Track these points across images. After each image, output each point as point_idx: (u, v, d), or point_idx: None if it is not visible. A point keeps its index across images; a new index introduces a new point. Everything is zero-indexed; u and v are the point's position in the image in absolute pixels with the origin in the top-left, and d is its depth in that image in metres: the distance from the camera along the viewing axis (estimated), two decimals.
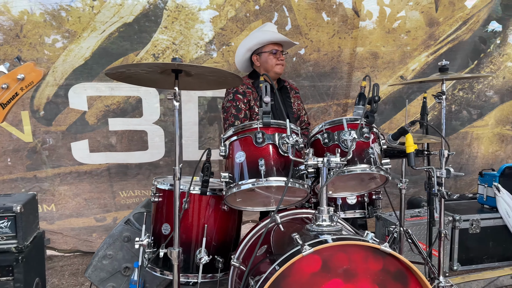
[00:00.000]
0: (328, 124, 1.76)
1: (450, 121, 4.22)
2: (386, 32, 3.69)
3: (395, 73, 3.85)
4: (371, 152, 1.66)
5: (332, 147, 1.71)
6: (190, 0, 3.32)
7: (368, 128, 1.74)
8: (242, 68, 2.86)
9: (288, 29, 3.50)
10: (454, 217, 3.44)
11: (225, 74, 1.67)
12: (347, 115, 3.91)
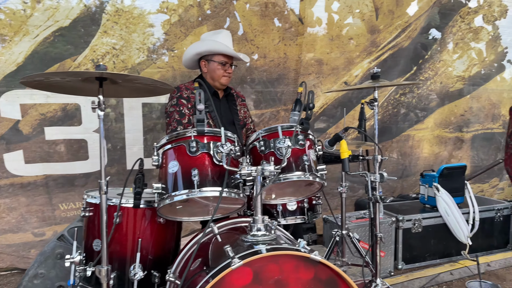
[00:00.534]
0: (264, 131, 1.75)
1: (393, 124, 4.40)
2: (330, 39, 3.77)
3: (339, 79, 3.95)
4: (305, 159, 1.67)
5: (268, 154, 1.70)
6: (131, 4, 3.22)
7: (303, 135, 1.75)
8: (189, 67, 2.81)
9: (233, 35, 3.49)
10: (398, 218, 3.56)
11: (154, 82, 1.61)
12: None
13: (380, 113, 4.31)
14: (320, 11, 3.67)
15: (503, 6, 4.93)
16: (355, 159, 1.97)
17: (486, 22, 4.74)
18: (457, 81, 4.41)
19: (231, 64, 2.62)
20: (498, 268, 3.76)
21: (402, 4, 3.91)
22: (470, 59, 4.38)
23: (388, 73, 4.11)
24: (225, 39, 2.61)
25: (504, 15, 5.10)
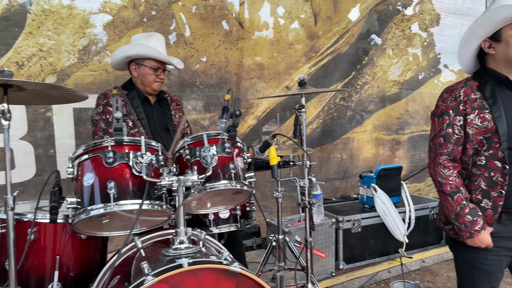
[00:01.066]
0: (190, 139, 1.70)
1: (335, 128, 4.51)
2: (271, 44, 3.80)
3: (281, 84, 3.98)
4: (232, 167, 1.64)
5: (194, 163, 1.65)
6: (58, 4, 3.03)
7: (230, 143, 1.72)
8: (119, 69, 2.68)
9: (172, 38, 3.41)
10: (338, 219, 3.64)
11: (67, 90, 1.51)
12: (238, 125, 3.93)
13: (322, 117, 4.41)
14: (266, 15, 3.69)
15: (436, 14, 5.24)
16: (286, 165, 1.98)
17: (421, 29, 5.01)
18: (393, 86, 4.61)
19: (163, 69, 2.53)
20: (432, 263, 3.97)
21: (340, 10, 4.03)
22: (405, 64, 4.61)
23: (328, 78, 4.21)
24: (158, 43, 2.51)
25: (437, 23, 5.43)
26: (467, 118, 1.78)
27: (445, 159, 1.83)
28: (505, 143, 1.73)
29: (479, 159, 1.79)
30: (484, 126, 1.75)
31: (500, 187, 1.75)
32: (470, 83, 1.84)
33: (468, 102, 1.79)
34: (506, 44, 1.75)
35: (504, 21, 1.74)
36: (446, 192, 1.82)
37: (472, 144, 1.80)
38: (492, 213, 1.78)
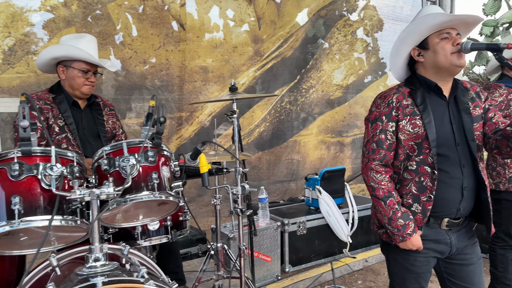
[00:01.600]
0: (110, 148, 1.61)
1: (282, 131, 4.54)
2: (214, 46, 3.74)
3: (226, 87, 3.93)
4: (154, 177, 1.56)
5: (114, 174, 1.56)
6: None
7: (154, 151, 1.64)
8: (44, 71, 2.51)
9: (108, 39, 3.25)
10: (283, 222, 3.65)
11: None
12: (181, 129, 3.84)
13: (269, 120, 4.42)
14: (208, 18, 3.63)
15: (380, 20, 5.44)
16: (220, 172, 1.93)
17: (365, 34, 5.17)
18: (337, 89, 4.72)
19: (95, 72, 2.40)
20: (375, 263, 4.08)
21: (283, 15, 4.05)
22: (348, 68, 4.73)
23: (274, 81, 4.23)
24: (88, 44, 2.38)
25: (381, 29, 5.63)
26: (399, 124, 1.82)
27: (377, 164, 1.86)
28: (434, 149, 1.78)
29: (410, 164, 1.83)
30: (415, 132, 1.80)
31: (429, 191, 1.79)
32: (402, 90, 1.88)
33: (400, 108, 1.83)
34: (434, 51, 1.81)
35: (430, 29, 1.80)
36: (379, 197, 1.84)
37: (404, 149, 1.84)
38: (422, 217, 1.82)
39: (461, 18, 1.77)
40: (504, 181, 2.75)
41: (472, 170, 1.83)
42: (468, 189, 1.82)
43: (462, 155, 1.82)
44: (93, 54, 2.33)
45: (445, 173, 1.80)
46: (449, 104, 1.86)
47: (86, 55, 2.31)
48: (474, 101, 1.89)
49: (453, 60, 1.76)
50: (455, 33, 1.80)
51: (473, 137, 1.82)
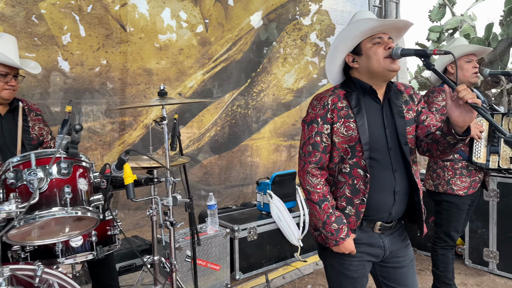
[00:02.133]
0: (18, 159, 1.46)
1: (233, 135, 4.47)
2: (158, 48, 3.61)
3: (173, 90, 3.81)
4: (67, 191, 1.43)
5: (22, 188, 1.41)
6: None
7: (68, 162, 1.51)
8: None
9: (37, 39, 3.04)
10: (233, 228, 3.58)
11: None
12: (124, 134, 3.67)
13: (220, 124, 4.33)
14: (141, 19, 3.48)
15: (332, 24, 5.51)
16: (150, 182, 1.82)
17: (318, 39, 5.21)
18: (288, 93, 4.71)
19: (15, 75, 2.21)
20: None
21: (231, 17, 3.99)
22: (298, 72, 4.73)
23: (223, 85, 4.15)
24: (6, 45, 2.18)
25: (333, 33, 5.71)
26: (334, 126, 1.81)
27: (313, 167, 1.84)
28: (366, 152, 1.78)
29: (344, 167, 1.83)
30: (349, 134, 1.79)
31: (362, 194, 1.79)
32: (337, 92, 1.87)
33: (335, 110, 1.82)
34: (367, 57, 1.80)
35: (361, 35, 1.79)
36: (314, 201, 1.83)
37: (338, 152, 1.83)
38: (355, 219, 1.82)
39: (391, 23, 1.78)
40: (443, 183, 2.82)
41: (404, 174, 1.85)
42: (400, 193, 1.84)
43: (395, 159, 1.83)
44: (12, 56, 2.14)
45: (378, 177, 1.80)
46: (383, 107, 1.86)
47: (2, 57, 2.12)
48: (408, 104, 1.90)
49: (386, 65, 1.77)
50: (387, 37, 1.81)
51: (406, 141, 1.83)
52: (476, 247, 3.78)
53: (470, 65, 2.80)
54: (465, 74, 2.80)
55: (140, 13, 3.44)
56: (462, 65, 2.81)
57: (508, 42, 6.90)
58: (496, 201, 3.58)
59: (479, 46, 2.81)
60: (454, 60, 1.69)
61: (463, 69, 2.81)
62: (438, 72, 1.63)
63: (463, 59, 2.81)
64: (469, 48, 2.81)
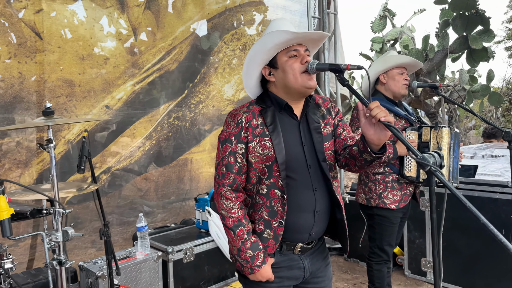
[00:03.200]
0: None
1: (170, 148, 4.23)
2: (80, 58, 3.33)
3: (98, 103, 3.53)
4: None
5: None
6: None
7: None
8: None
9: None
10: (167, 250, 3.34)
11: None
12: (43, 152, 3.33)
13: (155, 138, 4.09)
14: (72, 26, 3.20)
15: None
16: (38, 214, 1.58)
17: None
18: (228, 104, 4.56)
19: None
20: None
21: (163, 26, 3.79)
22: (238, 83, 4.60)
23: (157, 96, 3.92)
24: None
25: None
26: (249, 145, 1.68)
27: (227, 190, 1.71)
28: (283, 172, 1.66)
29: (262, 188, 1.70)
30: (265, 154, 1.67)
31: (280, 217, 1.68)
32: (252, 108, 1.74)
33: (250, 128, 1.68)
34: (283, 71, 1.69)
35: (276, 47, 1.68)
36: (228, 226, 1.70)
37: (255, 172, 1.71)
38: (274, 243, 1.71)
39: (306, 35, 1.67)
40: (375, 197, 2.77)
41: (325, 192, 1.76)
42: (321, 212, 1.74)
43: (315, 177, 1.72)
44: None
45: (296, 197, 1.70)
46: (300, 123, 1.75)
47: None
48: (325, 118, 1.81)
49: (303, 82, 1.66)
50: (303, 50, 1.70)
51: (325, 158, 1.73)
52: (415, 257, 3.80)
53: (402, 77, 2.80)
54: (396, 85, 2.79)
55: (58, 20, 3.15)
56: (394, 76, 2.80)
57: (444, 53, 7.21)
58: None
59: (412, 59, 2.81)
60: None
61: (394, 80, 2.80)
62: (352, 88, 1.54)
63: (396, 71, 2.80)
64: (402, 60, 2.81)
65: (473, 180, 3.33)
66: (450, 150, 2.54)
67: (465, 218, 3.36)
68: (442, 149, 2.51)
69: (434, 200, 1.26)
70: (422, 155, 1.27)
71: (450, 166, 2.53)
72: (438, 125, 2.54)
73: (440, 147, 2.52)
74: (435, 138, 2.57)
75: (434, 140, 2.57)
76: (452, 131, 2.56)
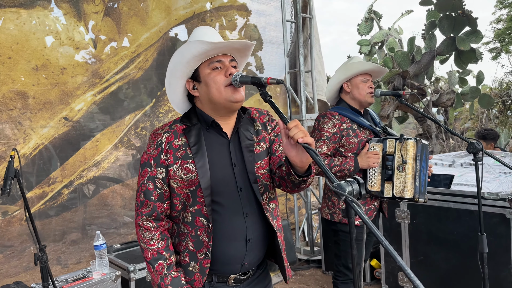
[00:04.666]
0: None
1: (139, 161, 4.08)
2: (34, 68, 3.18)
3: (56, 115, 3.38)
4: None
5: None
6: None
7: None
8: None
9: None
10: (128, 268, 3.17)
11: None
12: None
13: (122, 150, 3.93)
14: (24, 35, 3.05)
15: (260, 39, 5.33)
16: None
17: None
18: None
19: None
20: None
21: (125, 32, 3.63)
22: None
23: (122, 106, 3.77)
24: None
25: (261, 48, 5.52)
26: (170, 169, 1.50)
27: (146, 220, 1.53)
28: (207, 198, 1.48)
29: (186, 216, 1.53)
30: (188, 178, 1.49)
31: (205, 248, 1.50)
32: (175, 127, 1.56)
33: (171, 150, 1.51)
34: (206, 85, 1.52)
35: (196, 59, 1.51)
36: (147, 259, 1.53)
37: (179, 198, 1.53)
38: (200, 276, 1.53)
39: (226, 44, 1.50)
40: (338, 212, 2.61)
41: (259, 217, 1.58)
42: (255, 240, 1.56)
43: (246, 201, 1.55)
44: None
45: (224, 225, 1.52)
46: (231, 142, 1.58)
47: None
48: (259, 134, 1.63)
49: (227, 96, 1.49)
50: (228, 60, 1.54)
51: (255, 179, 1.56)
52: (392, 271, 3.62)
53: (366, 85, 2.63)
54: (361, 94, 2.63)
55: (9, 28, 3.00)
56: (358, 85, 2.64)
57: (431, 55, 7.05)
58: (407, 223, 3.45)
59: (375, 65, 2.64)
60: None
61: (358, 89, 2.64)
62: (274, 104, 1.37)
63: (359, 78, 2.64)
64: (365, 67, 2.64)
65: (448, 191, 3.15)
66: (416, 164, 2.37)
67: (442, 231, 3.19)
68: (407, 162, 2.34)
69: (354, 234, 1.09)
70: (338, 182, 1.10)
71: (416, 181, 2.35)
72: (403, 137, 2.38)
73: (405, 160, 2.35)
74: (400, 151, 2.40)
75: (399, 153, 2.41)
76: (418, 143, 2.39)
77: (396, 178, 2.40)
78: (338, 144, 2.57)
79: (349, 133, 2.54)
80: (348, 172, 2.45)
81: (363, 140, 2.55)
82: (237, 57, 1.60)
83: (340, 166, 2.46)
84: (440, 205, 3.21)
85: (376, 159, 2.43)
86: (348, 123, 2.57)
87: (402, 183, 2.35)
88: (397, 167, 2.36)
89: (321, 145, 2.52)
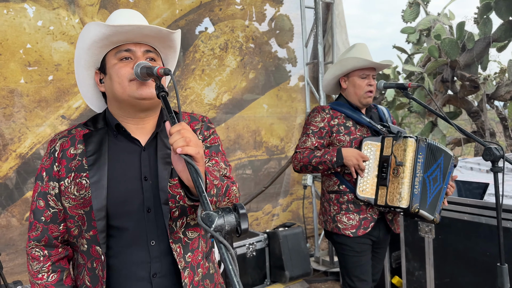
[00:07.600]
0: None
1: None
2: (26, 65, 3.11)
3: (52, 113, 3.30)
4: None
5: None
6: None
7: None
8: None
9: None
10: None
11: None
12: None
13: None
14: (16, 31, 2.99)
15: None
16: None
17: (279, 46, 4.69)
18: (210, 109, 4.15)
19: None
20: None
21: None
22: (219, 86, 4.17)
23: None
24: None
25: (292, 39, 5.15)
26: (61, 184, 1.23)
27: (34, 246, 1.25)
28: (101, 221, 1.18)
29: (82, 243, 1.24)
30: (81, 195, 1.20)
31: (100, 284, 1.20)
32: (75, 132, 1.29)
33: (64, 160, 1.23)
34: (109, 77, 1.24)
35: (97, 45, 1.23)
36: None
37: (74, 221, 1.24)
38: None
39: (130, 29, 1.18)
40: (330, 220, 2.23)
41: (167, 246, 1.25)
42: (163, 274, 1.24)
43: (153, 226, 1.23)
44: None
45: (123, 255, 1.22)
46: (146, 151, 1.27)
47: None
48: None
49: (131, 91, 1.20)
50: (142, 51, 1.24)
51: (167, 199, 1.23)
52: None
53: (364, 82, 2.20)
54: (357, 93, 2.22)
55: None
56: (355, 82, 2.23)
57: (486, 42, 6.19)
58: (432, 238, 2.93)
59: (372, 62, 2.16)
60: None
61: (354, 87, 2.22)
62: (166, 100, 1.06)
63: (357, 74, 2.22)
64: (360, 63, 2.19)
65: (481, 202, 2.60)
66: (415, 167, 1.91)
67: (472, 250, 2.66)
68: (403, 164, 1.90)
69: None
70: (207, 212, 0.77)
71: (415, 188, 1.89)
72: (400, 135, 1.94)
73: (400, 162, 1.91)
74: (397, 151, 1.96)
75: (396, 152, 1.97)
76: (421, 143, 1.92)
77: (391, 183, 1.96)
78: (327, 141, 2.19)
79: (340, 130, 2.15)
80: (330, 164, 2.06)
81: (357, 138, 2.14)
82: (160, 48, 1.30)
83: (320, 157, 2.08)
84: (470, 219, 2.66)
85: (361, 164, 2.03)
86: (341, 119, 2.18)
87: (396, 189, 1.92)
88: (392, 170, 1.93)
89: (304, 140, 2.19)
